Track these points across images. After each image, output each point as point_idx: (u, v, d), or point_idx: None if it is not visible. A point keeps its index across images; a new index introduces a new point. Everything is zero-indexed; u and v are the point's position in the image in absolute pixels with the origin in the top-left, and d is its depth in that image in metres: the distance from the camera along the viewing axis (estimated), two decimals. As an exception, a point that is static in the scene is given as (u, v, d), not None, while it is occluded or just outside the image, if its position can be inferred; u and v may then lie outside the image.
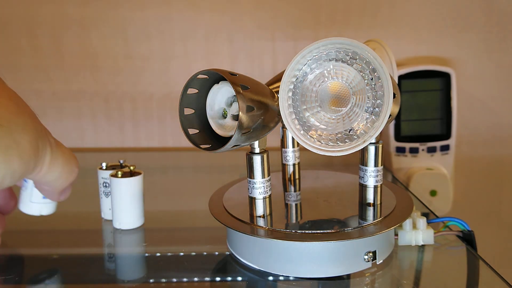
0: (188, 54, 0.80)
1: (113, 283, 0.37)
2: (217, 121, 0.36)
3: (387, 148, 0.72)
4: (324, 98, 0.35)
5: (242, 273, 0.38)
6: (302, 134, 0.35)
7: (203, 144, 0.35)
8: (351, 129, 0.34)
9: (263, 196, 0.38)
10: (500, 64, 0.78)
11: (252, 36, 0.79)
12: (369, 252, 0.36)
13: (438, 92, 0.70)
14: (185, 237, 0.47)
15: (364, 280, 0.36)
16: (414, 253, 0.41)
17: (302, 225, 0.37)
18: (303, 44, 0.78)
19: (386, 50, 0.47)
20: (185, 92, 0.34)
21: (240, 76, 0.33)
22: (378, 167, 0.39)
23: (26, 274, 0.39)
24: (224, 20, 0.78)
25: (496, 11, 0.76)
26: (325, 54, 0.34)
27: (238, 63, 0.80)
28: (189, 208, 0.56)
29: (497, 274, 0.37)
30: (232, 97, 0.36)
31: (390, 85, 0.32)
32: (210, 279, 0.38)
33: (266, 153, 0.38)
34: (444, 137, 0.71)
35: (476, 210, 0.81)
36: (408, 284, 0.36)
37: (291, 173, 0.48)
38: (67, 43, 0.79)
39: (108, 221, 0.48)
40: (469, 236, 0.42)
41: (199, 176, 0.73)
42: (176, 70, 0.80)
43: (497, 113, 0.79)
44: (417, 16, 0.77)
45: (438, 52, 0.78)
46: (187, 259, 0.41)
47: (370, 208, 0.39)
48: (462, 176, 0.78)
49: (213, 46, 0.79)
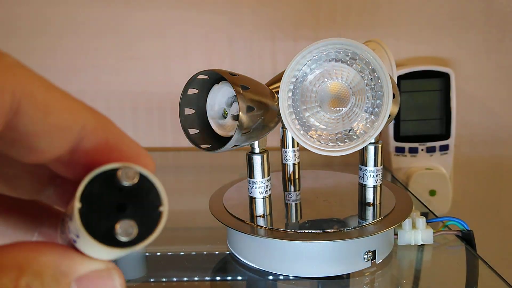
0: (188, 54, 0.80)
1: None
2: (217, 121, 0.36)
3: (386, 148, 0.72)
4: (324, 99, 0.35)
5: (242, 272, 0.38)
6: (302, 134, 0.35)
7: (203, 144, 0.35)
8: (350, 129, 0.34)
9: (263, 196, 0.38)
10: (499, 64, 0.78)
11: (252, 36, 0.79)
12: (369, 251, 0.36)
13: (438, 92, 0.71)
14: (186, 236, 0.47)
15: (364, 280, 0.36)
16: (414, 253, 0.41)
17: (302, 224, 0.37)
18: (303, 44, 0.78)
19: (386, 51, 0.48)
20: (185, 92, 0.34)
21: (240, 76, 0.33)
22: (378, 167, 0.39)
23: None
24: (224, 20, 0.79)
25: (496, 11, 0.76)
26: (325, 55, 0.34)
27: (238, 63, 0.80)
28: (189, 208, 0.57)
29: (496, 274, 0.37)
30: (232, 97, 0.36)
31: (389, 85, 0.32)
32: (211, 279, 0.38)
33: (266, 153, 0.38)
34: (444, 137, 0.71)
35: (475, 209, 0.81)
36: (408, 284, 0.36)
37: (291, 173, 0.48)
38: (67, 43, 0.79)
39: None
40: (468, 235, 0.42)
41: (199, 176, 0.73)
42: (176, 70, 0.80)
43: (497, 113, 0.79)
44: (416, 16, 0.77)
45: (437, 52, 0.78)
46: (187, 258, 0.41)
47: (370, 207, 0.39)
48: (461, 176, 0.78)
49: (213, 46, 0.79)
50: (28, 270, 0.13)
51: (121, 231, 0.14)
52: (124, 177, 0.14)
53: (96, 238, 0.14)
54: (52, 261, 0.14)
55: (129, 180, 0.14)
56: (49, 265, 0.14)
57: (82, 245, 0.14)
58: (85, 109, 0.15)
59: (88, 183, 0.14)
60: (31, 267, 0.13)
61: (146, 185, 0.14)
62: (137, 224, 0.14)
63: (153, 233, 0.14)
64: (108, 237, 0.14)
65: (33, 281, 0.13)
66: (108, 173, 0.14)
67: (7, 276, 0.13)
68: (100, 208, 0.14)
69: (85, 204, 0.14)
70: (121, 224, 0.14)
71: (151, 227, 0.14)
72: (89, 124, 0.15)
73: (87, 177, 0.14)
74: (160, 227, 0.14)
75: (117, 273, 0.16)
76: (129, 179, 0.14)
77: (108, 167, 0.14)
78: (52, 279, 0.14)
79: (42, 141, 0.14)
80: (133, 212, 0.14)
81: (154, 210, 0.14)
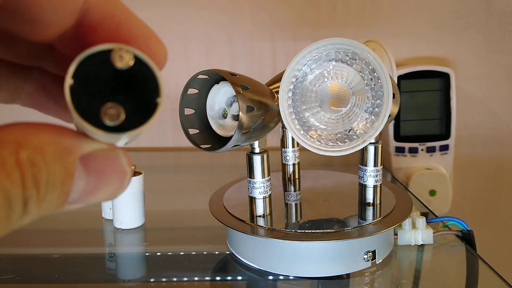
0: (188, 54, 0.80)
1: (114, 283, 0.38)
2: (217, 121, 0.36)
3: (386, 148, 0.72)
4: (324, 98, 0.35)
5: (242, 272, 0.38)
6: (302, 134, 0.35)
7: (203, 144, 0.35)
8: (350, 129, 0.34)
9: (263, 195, 0.38)
10: (499, 64, 0.78)
11: (252, 36, 0.79)
12: (369, 251, 0.36)
13: (438, 92, 0.71)
14: (186, 236, 0.47)
15: (364, 280, 0.36)
16: (414, 253, 0.41)
17: (302, 224, 0.37)
18: (303, 44, 0.78)
19: (386, 51, 0.48)
20: (185, 92, 0.34)
21: (240, 76, 0.33)
22: (378, 167, 0.39)
23: (27, 273, 0.39)
24: (224, 20, 0.79)
25: (496, 11, 0.76)
26: (325, 55, 0.34)
27: (238, 63, 0.80)
28: (189, 208, 0.57)
29: (496, 274, 0.37)
30: (232, 97, 0.36)
31: (389, 85, 0.32)
32: (210, 279, 0.38)
33: (266, 153, 0.38)
34: (444, 137, 0.71)
35: (475, 209, 0.81)
36: (408, 284, 0.36)
37: (291, 173, 0.48)
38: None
39: (109, 221, 0.48)
40: (468, 235, 0.42)
41: (199, 176, 0.73)
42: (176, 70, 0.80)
43: (496, 113, 0.79)
44: (416, 16, 0.77)
45: (437, 52, 0.78)
46: (187, 258, 0.41)
47: (370, 207, 0.39)
48: (461, 176, 0.78)
49: (213, 46, 0.79)
50: (27, 145, 0.12)
51: (105, 113, 0.13)
52: (118, 59, 0.13)
53: (84, 117, 0.13)
54: (52, 138, 0.13)
55: (123, 63, 0.13)
56: (49, 141, 0.13)
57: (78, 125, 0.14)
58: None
59: (82, 61, 0.13)
60: (30, 143, 0.13)
61: (144, 72, 0.13)
62: (128, 111, 0.13)
63: (145, 123, 0.13)
64: (97, 118, 0.13)
65: (34, 155, 0.12)
66: (103, 53, 0.13)
67: (5, 148, 0.12)
68: (92, 89, 0.13)
69: (78, 82, 0.13)
70: (108, 108, 0.13)
71: (144, 117, 0.13)
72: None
73: (81, 54, 0.13)
74: (153, 119, 0.13)
75: (122, 152, 0.15)
76: (123, 62, 0.13)
77: (102, 47, 0.13)
78: (54, 154, 0.13)
79: (45, 12, 0.14)
80: (127, 98, 0.13)
81: (151, 100, 0.14)
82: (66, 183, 0.13)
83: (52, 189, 0.13)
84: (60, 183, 0.13)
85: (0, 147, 0.12)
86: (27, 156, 0.12)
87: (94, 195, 0.14)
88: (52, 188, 0.13)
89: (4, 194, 0.12)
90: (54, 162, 0.13)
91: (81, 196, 0.14)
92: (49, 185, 0.13)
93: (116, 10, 0.15)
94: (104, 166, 0.14)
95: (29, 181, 0.12)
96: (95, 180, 0.14)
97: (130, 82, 0.13)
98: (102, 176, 0.14)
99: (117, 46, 0.13)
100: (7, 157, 0.12)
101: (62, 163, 0.13)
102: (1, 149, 0.12)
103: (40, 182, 0.12)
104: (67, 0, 0.14)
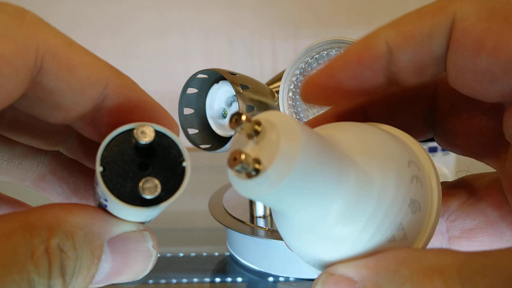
0: (187, 54, 0.79)
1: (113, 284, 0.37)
2: (217, 121, 0.36)
3: (387, 148, 0.72)
4: (324, 98, 0.35)
5: (242, 273, 0.38)
6: (302, 134, 0.35)
7: (203, 144, 0.34)
8: (351, 129, 0.34)
9: (263, 196, 0.38)
10: (500, 64, 0.78)
11: (252, 36, 0.79)
12: (370, 252, 0.36)
13: (439, 92, 0.70)
14: (185, 237, 0.47)
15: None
16: (415, 254, 0.40)
17: (303, 225, 0.37)
18: (303, 43, 0.78)
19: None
20: (184, 91, 0.34)
21: (240, 76, 0.33)
22: (379, 167, 0.38)
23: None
24: (224, 19, 0.78)
25: (497, 10, 0.76)
26: (325, 54, 0.33)
27: (238, 62, 0.80)
28: (188, 209, 0.56)
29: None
30: (232, 97, 0.35)
31: (391, 85, 0.32)
32: (210, 280, 0.37)
33: (266, 153, 0.38)
34: (445, 137, 0.71)
35: (477, 210, 0.80)
36: (409, 285, 0.36)
37: (291, 173, 0.48)
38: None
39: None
40: (470, 236, 0.42)
41: (199, 176, 0.73)
42: (175, 69, 0.79)
43: (498, 112, 0.79)
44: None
45: (438, 51, 0.78)
46: (186, 259, 0.41)
47: (371, 208, 0.39)
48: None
49: (212, 45, 0.79)
50: (59, 230, 0.13)
51: (144, 188, 0.14)
52: (141, 135, 0.14)
53: (121, 199, 0.14)
54: (83, 222, 0.13)
55: (146, 138, 0.14)
56: (80, 226, 0.13)
57: (111, 208, 0.14)
58: (108, 67, 0.15)
59: (107, 146, 0.14)
60: (62, 228, 0.13)
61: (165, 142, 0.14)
62: (161, 182, 0.14)
63: (179, 189, 0.14)
64: (133, 197, 0.14)
65: (65, 242, 0.13)
66: (125, 134, 0.14)
67: (38, 236, 0.12)
68: (122, 170, 0.14)
69: (107, 167, 0.14)
70: (144, 182, 0.14)
71: (176, 183, 0.14)
72: (112, 82, 0.15)
73: (105, 140, 0.14)
74: (185, 182, 0.15)
75: (149, 234, 0.15)
76: (145, 137, 0.14)
77: (124, 128, 0.14)
78: (84, 239, 0.13)
79: (66, 98, 0.14)
80: (156, 170, 0.14)
81: (177, 166, 0.15)
82: (92, 268, 0.14)
83: (77, 274, 0.13)
84: (87, 268, 0.13)
85: (32, 234, 0.12)
86: (58, 242, 0.13)
87: (118, 277, 0.15)
88: (78, 273, 0.13)
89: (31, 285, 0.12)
90: (82, 247, 0.13)
91: (105, 278, 0.14)
92: (76, 271, 0.13)
93: (133, 93, 0.16)
94: (130, 248, 0.15)
95: (56, 270, 0.12)
96: (120, 262, 0.14)
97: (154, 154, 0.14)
98: (128, 259, 0.15)
99: (138, 124, 0.14)
100: (37, 247, 0.12)
101: (90, 248, 0.13)
102: (33, 237, 0.12)
103: (67, 269, 0.13)
104: (88, 88, 0.14)
